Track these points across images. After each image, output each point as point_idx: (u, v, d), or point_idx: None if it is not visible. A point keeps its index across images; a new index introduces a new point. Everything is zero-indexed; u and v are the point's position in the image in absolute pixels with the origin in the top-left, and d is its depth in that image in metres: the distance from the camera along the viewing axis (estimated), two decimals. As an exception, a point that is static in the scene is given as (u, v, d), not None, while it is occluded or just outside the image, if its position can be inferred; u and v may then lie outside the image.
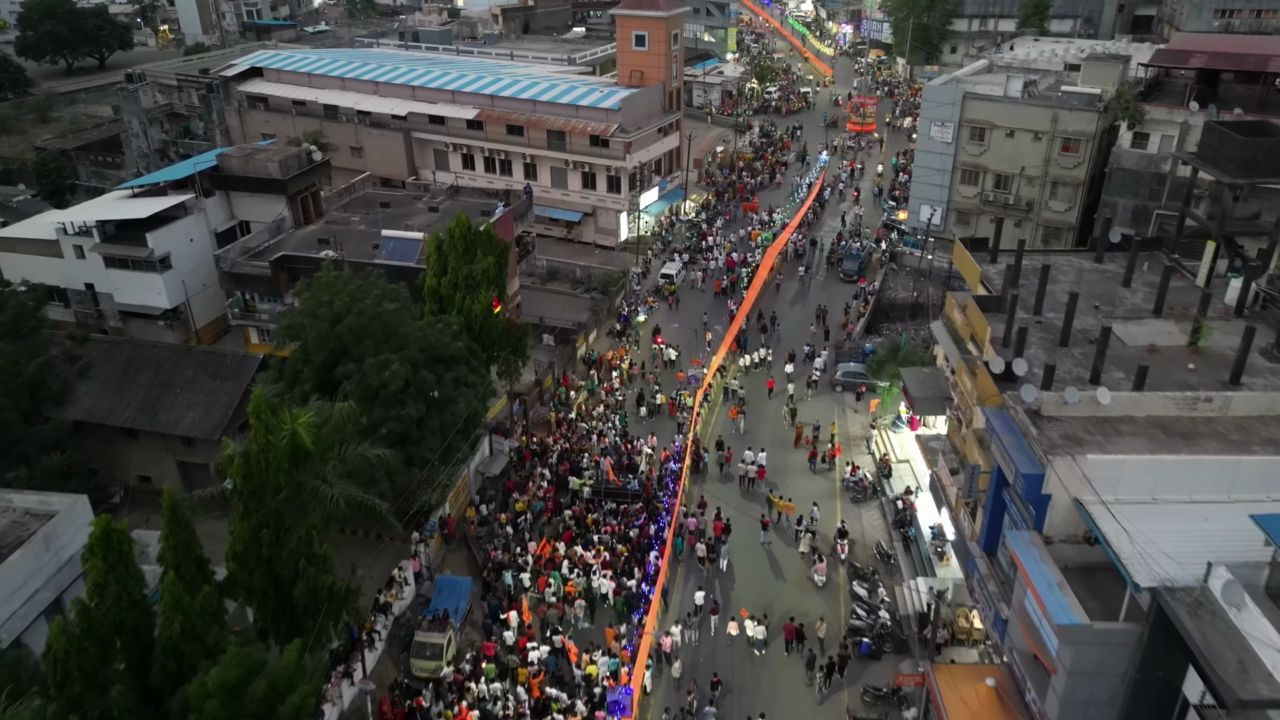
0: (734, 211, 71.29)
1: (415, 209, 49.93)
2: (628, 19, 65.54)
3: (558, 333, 50.63)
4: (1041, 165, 53.12)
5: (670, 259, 62.21)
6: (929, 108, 55.80)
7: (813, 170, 76.75)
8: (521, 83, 67.87)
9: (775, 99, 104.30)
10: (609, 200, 64.65)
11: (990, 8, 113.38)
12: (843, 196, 75.32)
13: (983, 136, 54.60)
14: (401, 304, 34.18)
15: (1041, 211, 54.14)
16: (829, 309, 56.45)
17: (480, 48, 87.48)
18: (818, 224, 69.18)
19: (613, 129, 61.76)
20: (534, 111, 65.05)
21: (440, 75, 70.33)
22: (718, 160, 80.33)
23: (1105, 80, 52.94)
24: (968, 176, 56.09)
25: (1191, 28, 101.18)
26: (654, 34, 64.83)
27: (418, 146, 69.92)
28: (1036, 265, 37.03)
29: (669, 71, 66.35)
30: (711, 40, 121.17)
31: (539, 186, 66.79)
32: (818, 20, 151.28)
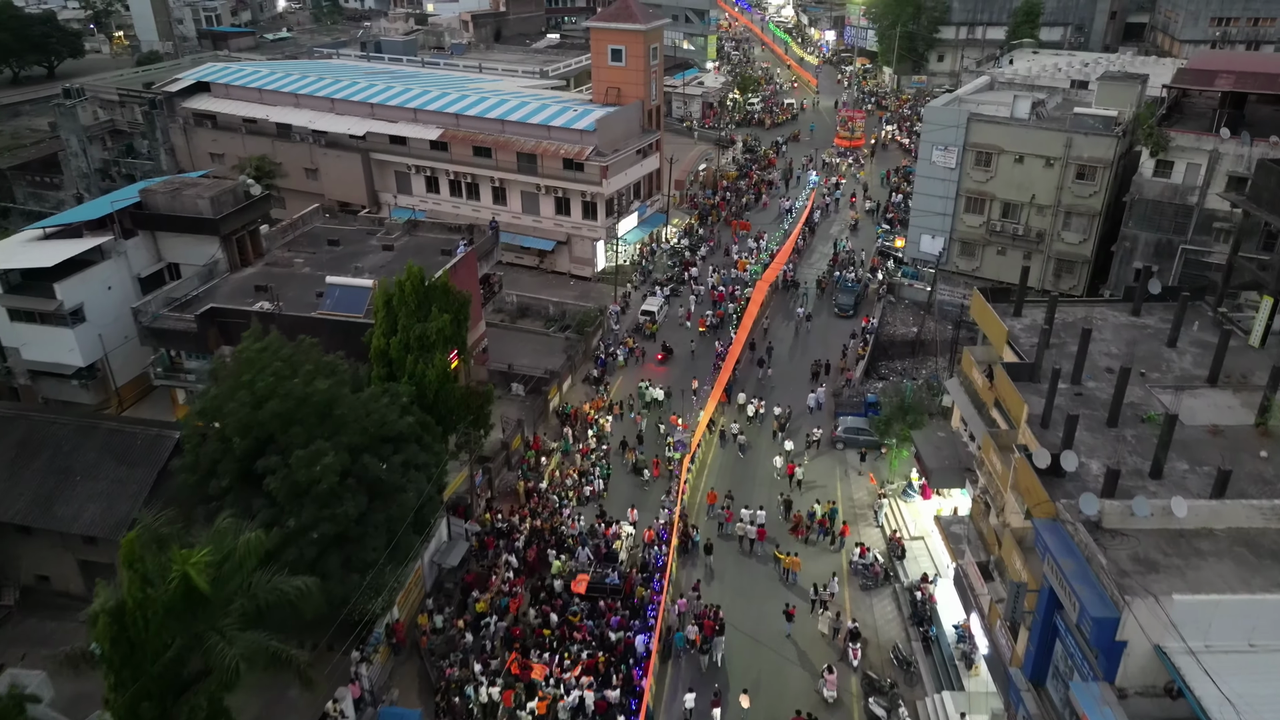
0: (718, 236, 66.68)
1: (368, 247, 44.89)
2: (603, 32, 60.79)
3: (528, 382, 45.75)
4: (1053, 193, 48.92)
5: (651, 292, 57.49)
6: (930, 130, 51.45)
7: (801, 192, 72.26)
8: (489, 100, 62.93)
9: (758, 111, 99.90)
10: (584, 228, 59.86)
11: (978, 15, 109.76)
12: (828, 213, 71.01)
13: (989, 162, 50.33)
14: (339, 378, 29.22)
15: (1053, 243, 49.93)
16: (825, 348, 52.06)
17: (447, 59, 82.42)
18: (808, 250, 64.69)
19: (587, 152, 56.98)
20: (502, 132, 60.15)
21: (402, 91, 65.25)
22: (700, 179, 75.73)
23: (1122, 101, 48.80)
24: (972, 204, 51.81)
25: (1187, 36, 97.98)
26: (631, 48, 60.14)
27: (378, 168, 64.82)
28: (1065, 318, 32.77)
29: (648, 88, 61.67)
30: (691, 49, 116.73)
31: (508, 212, 61.94)
32: (799, 27, 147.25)
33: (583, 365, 50.23)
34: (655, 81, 62.66)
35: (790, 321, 55.70)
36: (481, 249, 45.12)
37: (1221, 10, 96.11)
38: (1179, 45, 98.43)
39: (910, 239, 55.07)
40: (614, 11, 60.57)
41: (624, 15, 59.81)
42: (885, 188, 75.41)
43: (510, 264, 62.98)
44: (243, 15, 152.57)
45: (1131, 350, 31.60)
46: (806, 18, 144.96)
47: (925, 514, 37.29)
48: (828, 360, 50.98)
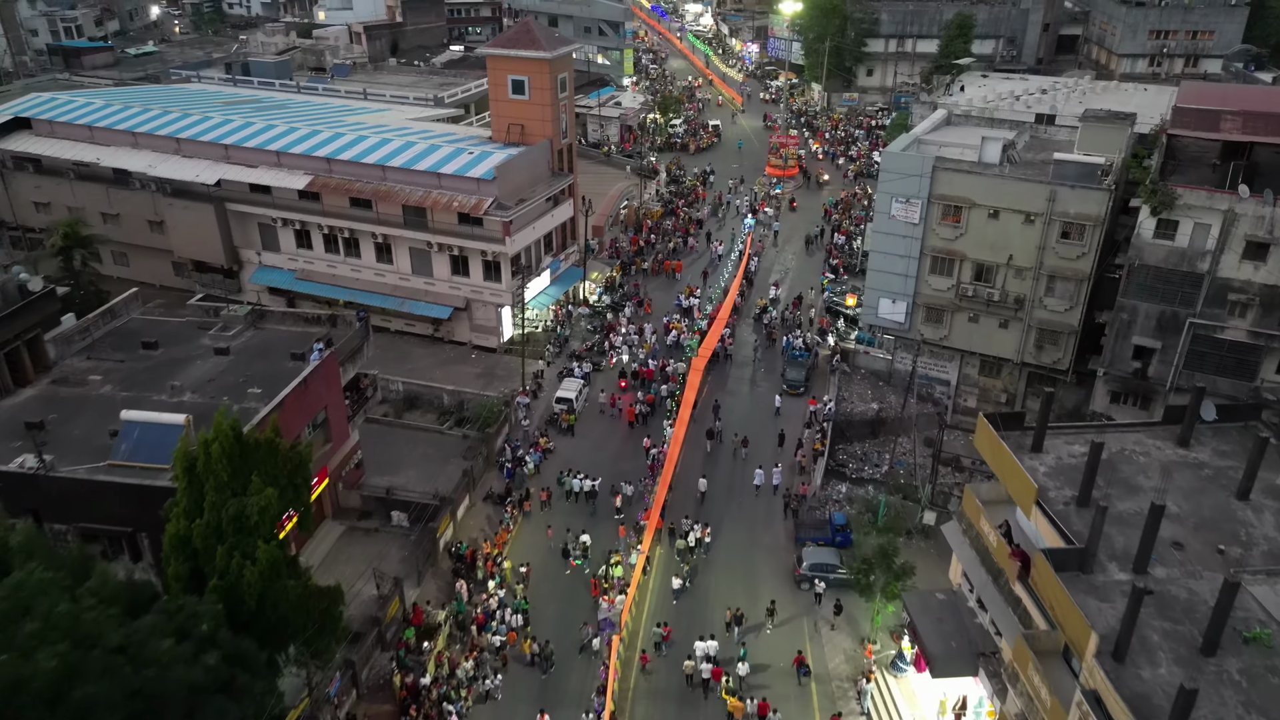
0: (644, 290, 58.05)
1: (196, 349, 34.89)
2: (501, 60, 51.58)
3: (413, 511, 36.38)
4: (1034, 254, 41.76)
5: (568, 369, 48.54)
6: (889, 180, 43.78)
7: (736, 240, 64.10)
8: (369, 140, 53.05)
9: (682, 134, 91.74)
10: (487, 291, 50.57)
11: (908, 28, 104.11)
12: (763, 255, 63.22)
13: (959, 217, 42.92)
14: (97, 612, 19.62)
15: (1035, 310, 42.78)
16: (774, 424, 44.35)
17: (326, 84, 71.98)
18: (747, 305, 56.57)
19: (486, 204, 47.76)
20: (384, 180, 50.40)
21: (264, 129, 54.85)
22: (621, 219, 67.05)
23: (1109, 146, 41.93)
24: (940, 265, 44.37)
25: (1126, 49, 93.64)
26: (535, 79, 51.08)
27: (237, 221, 54.31)
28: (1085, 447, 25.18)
29: (557, 125, 52.68)
30: (606, 63, 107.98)
31: (395, 273, 52.24)
32: (719, 38, 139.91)
33: (485, 476, 41.04)
34: (566, 116, 53.73)
35: (729, 396, 47.57)
36: (346, 349, 35.50)
37: (1160, 23, 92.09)
38: (1116, 59, 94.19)
39: (867, 302, 47.38)
40: (513, 37, 51.43)
41: (525, 41, 50.73)
42: (824, 226, 67.88)
43: (401, 333, 53.38)
44: (109, 25, 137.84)
45: (1197, 509, 24.10)
46: (726, 27, 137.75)
47: (925, 696, 29.32)
48: (782, 430, 43.62)
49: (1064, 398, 44.85)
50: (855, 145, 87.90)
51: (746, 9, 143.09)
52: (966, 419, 47.31)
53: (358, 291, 52.80)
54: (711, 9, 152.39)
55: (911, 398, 47.91)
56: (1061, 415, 44.14)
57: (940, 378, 47.34)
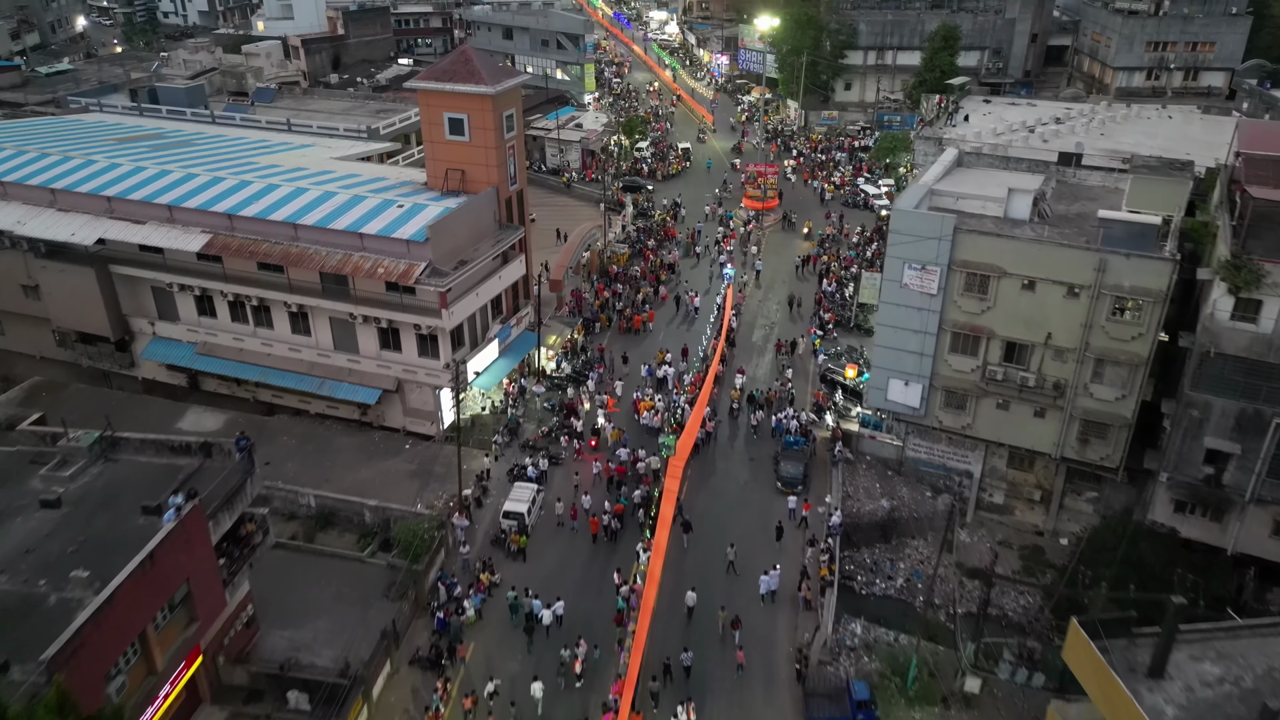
0: (610, 355, 50.25)
1: (19, 498, 26.55)
2: (436, 96, 43.57)
3: (316, 691, 28.34)
4: (1079, 333, 34.63)
5: (520, 470, 40.60)
6: (900, 243, 36.43)
7: (712, 280, 56.59)
8: (280, 190, 44.81)
9: (648, 159, 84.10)
10: (421, 370, 42.55)
11: (888, 39, 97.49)
12: (748, 284, 55.64)
13: (985, 287, 35.69)
14: None
15: (1079, 399, 35.64)
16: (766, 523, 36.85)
17: (245, 112, 63.39)
18: (730, 369, 48.94)
19: (418, 271, 39.75)
20: (296, 241, 42.19)
21: (155, 177, 46.41)
22: (584, 266, 59.20)
23: (1165, 202, 34.93)
24: (962, 343, 37.12)
25: (1122, 63, 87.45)
26: (476, 117, 43.16)
27: (126, 286, 45.89)
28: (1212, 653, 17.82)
29: (504, 170, 44.78)
30: (565, 79, 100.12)
31: (314, 348, 44.05)
32: (686, 48, 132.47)
33: (413, 626, 33.03)
34: (514, 159, 45.81)
35: (717, 499, 40.02)
36: (220, 492, 27.31)
37: (1158, 34, 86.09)
38: (1111, 73, 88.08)
39: (874, 383, 39.98)
40: (449, 69, 43.39)
41: (463, 74, 42.74)
42: (808, 274, 60.48)
43: (322, 417, 45.25)
44: (28, 39, 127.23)
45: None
46: (694, 37, 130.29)
47: None
48: (779, 524, 37.05)
49: (1111, 498, 37.81)
50: (838, 170, 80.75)
51: (715, 17, 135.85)
52: (992, 516, 40.25)
53: (269, 370, 44.58)
54: (677, 17, 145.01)
55: (927, 492, 40.73)
56: (1109, 517, 37.17)
57: (961, 468, 40.13)
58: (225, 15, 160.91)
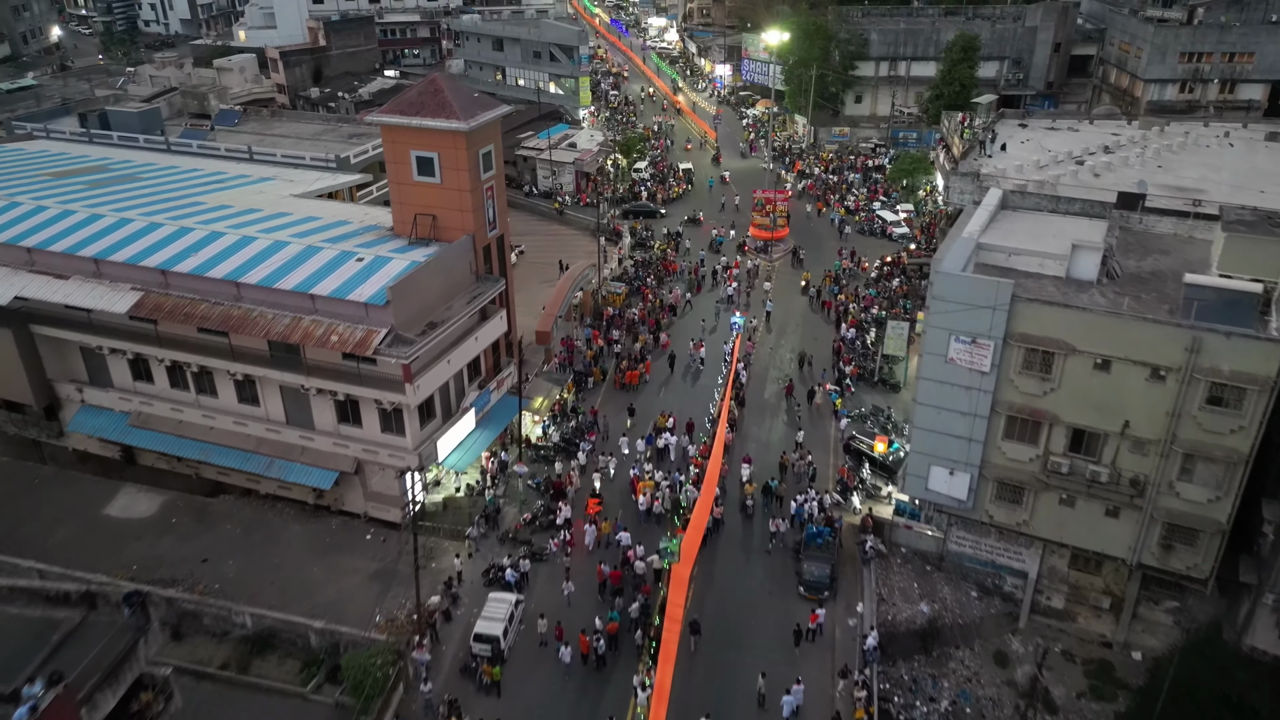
0: (605, 419, 44.44)
1: None
2: (401, 132, 37.80)
3: None
4: (1164, 422, 28.85)
5: (498, 572, 34.76)
6: (944, 311, 30.66)
7: (723, 341, 50.70)
8: (224, 238, 39.06)
9: (647, 180, 78.34)
10: (384, 450, 36.78)
11: (901, 49, 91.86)
12: (758, 327, 49.76)
13: (1049, 366, 29.92)
14: None
15: (1161, 499, 29.86)
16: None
17: (204, 138, 57.63)
18: (740, 441, 43.12)
19: (377, 339, 33.98)
20: (238, 301, 36.42)
21: (84, 223, 40.69)
22: (576, 308, 53.45)
23: (1266, 265, 29.20)
24: (1020, 429, 31.36)
25: (1154, 74, 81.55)
26: (449, 156, 37.41)
27: (50, 347, 40.21)
28: None
29: (481, 214, 39.03)
30: (559, 93, 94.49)
31: (264, 422, 38.30)
32: (686, 57, 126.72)
33: (363, 786, 27.28)
34: (494, 201, 40.03)
35: (730, 603, 34.26)
36: (105, 659, 21.47)
37: (1193, 45, 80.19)
38: (1141, 85, 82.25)
39: (912, 469, 34.16)
40: (416, 100, 37.59)
41: (433, 107, 36.97)
42: (822, 319, 54.65)
43: (274, 498, 39.52)
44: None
45: None
46: (694, 45, 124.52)
47: None
48: (798, 627, 31.77)
49: (1196, 610, 32.02)
50: (851, 193, 74.92)
51: (716, 24, 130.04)
52: (1050, 622, 34.45)
53: (211, 446, 38.82)
54: (677, 24, 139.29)
55: (972, 592, 34.95)
56: (1194, 633, 31.37)
57: (1014, 567, 34.35)
58: (208, 24, 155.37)
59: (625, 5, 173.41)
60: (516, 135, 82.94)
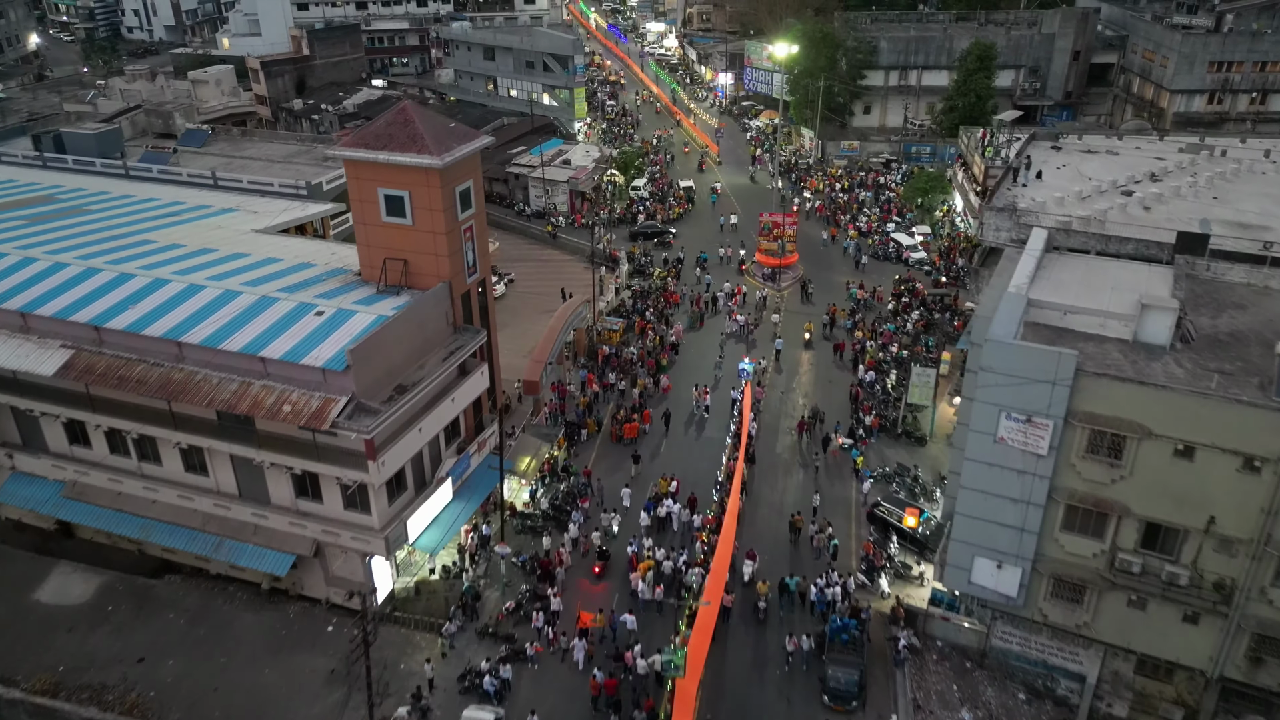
0: (600, 482, 39.93)
1: None
2: (367, 168, 33.36)
3: None
4: (1257, 520, 24.42)
5: (474, 676, 30.22)
6: (993, 385, 26.21)
7: (732, 393, 46.10)
8: (169, 286, 34.65)
9: (646, 198, 73.92)
10: (346, 531, 32.31)
11: (911, 58, 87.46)
12: (768, 367, 45.24)
13: (1119, 450, 25.48)
14: None
15: (1252, 606, 25.41)
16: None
17: (165, 162, 53.12)
18: (748, 508, 38.65)
19: (335, 410, 29.51)
20: (180, 362, 31.97)
21: (12, 269, 36.22)
22: (570, 346, 49.02)
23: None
24: (1081, 520, 26.92)
25: (1181, 85, 77.18)
26: (421, 195, 32.98)
27: (-25, 409, 35.76)
28: None
29: (459, 259, 34.58)
30: (553, 104, 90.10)
31: (212, 493, 33.83)
32: (686, 64, 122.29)
33: None
34: (474, 243, 35.54)
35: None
36: None
37: (1222, 54, 75.88)
38: (1168, 95, 77.90)
39: (953, 559, 29.64)
40: (384, 132, 33.13)
41: (402, 139, 32.53)
42: (836, 360, 50.18)
43: (225, 580, 35.06)
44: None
45: None
46: (694, 52, 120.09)
47: None
48: None
49: (1286, 730, 27.51)
50: (863, 213, 70.46)
51: (717, 29, 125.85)
52: (1110, 733, 29.92)
53: (154, 523, 34.36)
54: (676, 29, 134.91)
55: (1020, 694, 30.55)
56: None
57: (1069, 669, 29.89)
58: (194, 30, 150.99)
59: (622, 9, 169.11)
60: (508, 150, 78.59)
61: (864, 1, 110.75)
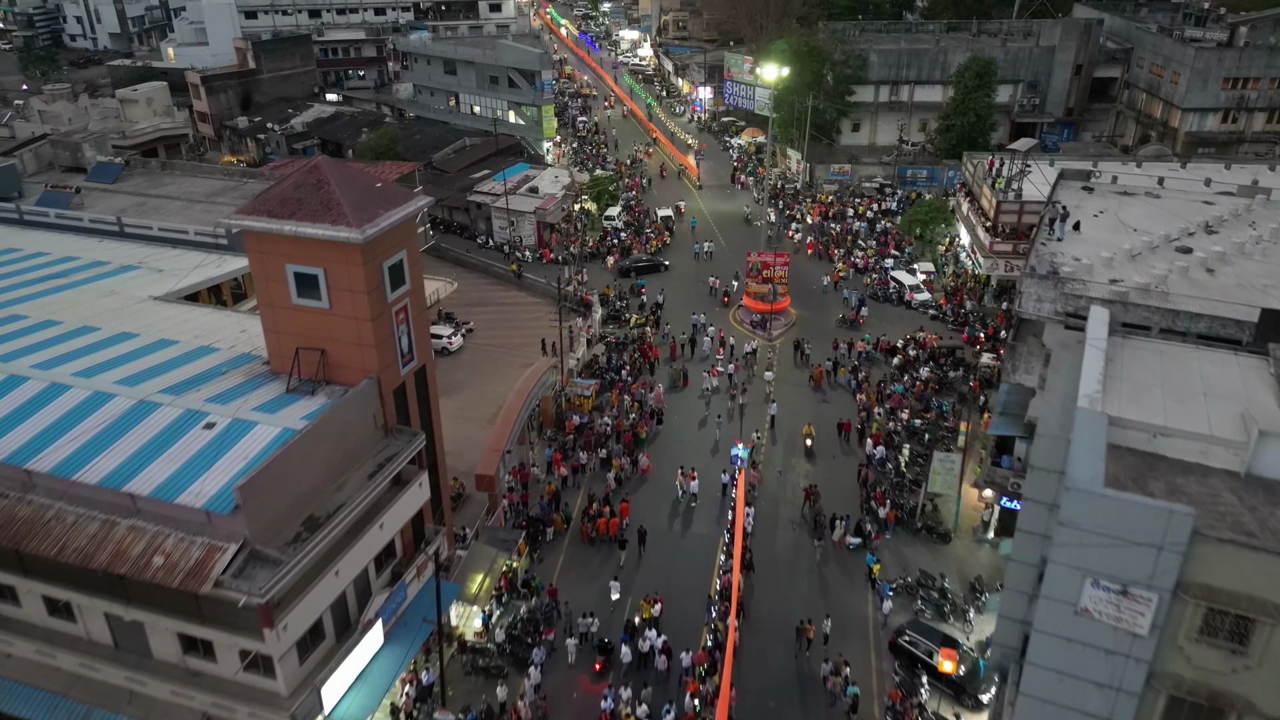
0: (568, 607, 33.41)
1: None
2: (272, 240, 26.70)
3: None
4: None
5: None
6: (1072, 544, 20.00)
7: (724, 479, 39.74)
8: (26, 386, 27.82)
9: (621, 229, 67.54)
10: (243, 703, 25.56)
11: (903, 72, 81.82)
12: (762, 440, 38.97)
13: (1243, 634, 19.38)
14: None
15: None
16: None
17: (66, 205, 46.00)
18: (745, 633, 32.35)
19: (220, 564, 22.81)
20: (27, 495, 25.11)
21: None
22: (535, 420, 42.51)
23: None
24: (1186, 714, 20.78)
25: (1194, 103, 71.93)
26: (340, 273, 26.39)
27: None
28: None
29: (390, 347, 27.99)
30: (520, 122, 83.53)
31: (80, 651, 26.93)
32: (662, 75, 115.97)
33: None
34: (410, 326, 28.93)
35: None
36: None
37: (1238, 69, 70.71)
38: (1179, 114, 72.67)
39: (1011, 744, 23.43)
40: (291, 196, 26.47)
41: (314, 206, 25.93)
42: (839, 433, 44.09)
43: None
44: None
45: None
46: (670, 63, 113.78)
47: None
48: None
49: None
50: (859, 245, 64.40)
51: (693, 38, 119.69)
52: None
53: (6, 683, 27.46)
54: (650, 37, 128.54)
55: None
56: None
57: None
58: (141, 38, 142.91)
59: (595, 15, 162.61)
60: (470, 175, 71.98)
61: (848, 10, 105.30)
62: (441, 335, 50.75)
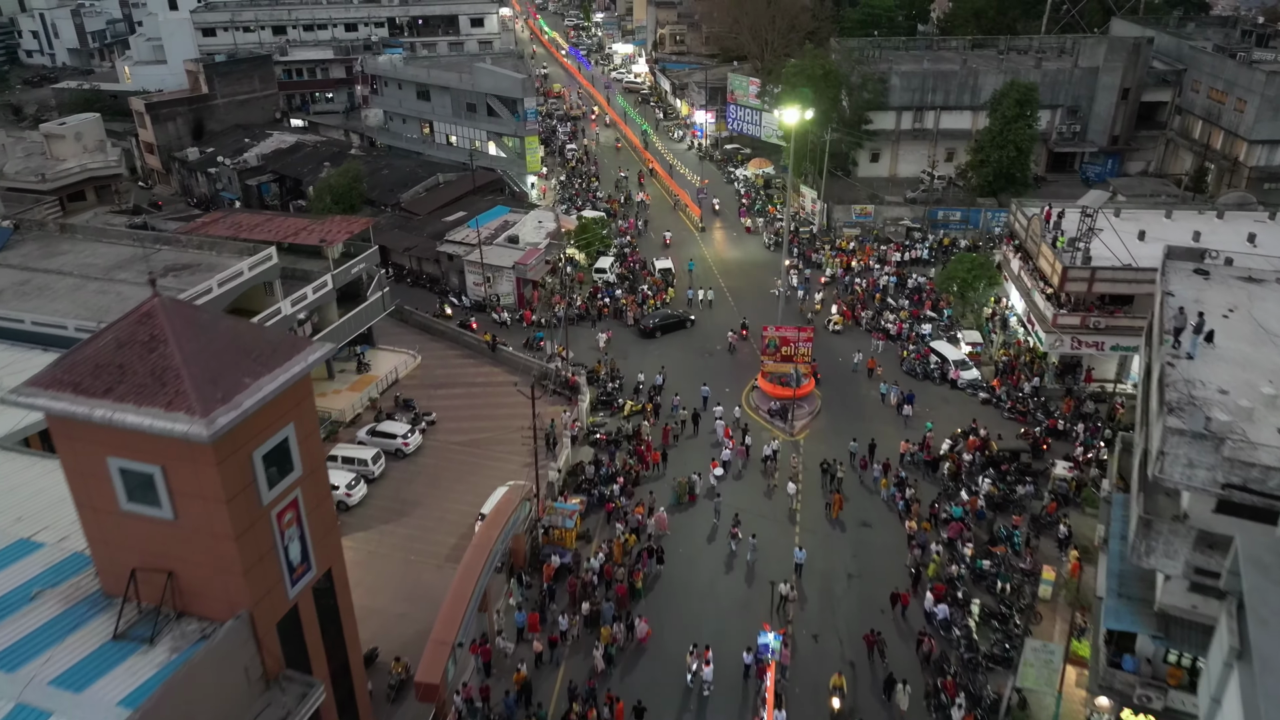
0: None
1: None
2: (84, 428, 17.76)
3: None
4: None
5: None
6: None
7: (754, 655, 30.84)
8: None
9: (615, 284, 58.69)
10: None
11: (928, 97, 73.26)
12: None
13: None
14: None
15: None
16: None
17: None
18: None
19: None
20: None
21: None
22: (506, 562, 33.54)
23: None
24: None
25: (1263, 134, 63.00)
26: (184, 475, 17.49)
27: None
28: None
29: (273, 565, 19.04)
30: (501, 154, 74.75)
31: None
32: (659, 94, 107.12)
33: None
34: (305, 527, 20.01)
35: None
36: None
37: (1317, 97, 62.05)
38: (1245, 146, 64.05)
39: None
40: (108, 361, 17.69)
41: (142, 380, 17.18)
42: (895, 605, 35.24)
43: None
44: None
45: None
46: (667, 81, 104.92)
47: None
48: None
49: None
50: (893, 306, 55.48)
51: (691, 53, 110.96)
52: None
53: None
54: (646, 53, 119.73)
55: None
56: None
57: None
58: (101, 54, 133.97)
59: (586, 26, 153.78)
60: (442, 219, 63.24)
61: (860, 25, 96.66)
62: (395, 435, 41.94)
